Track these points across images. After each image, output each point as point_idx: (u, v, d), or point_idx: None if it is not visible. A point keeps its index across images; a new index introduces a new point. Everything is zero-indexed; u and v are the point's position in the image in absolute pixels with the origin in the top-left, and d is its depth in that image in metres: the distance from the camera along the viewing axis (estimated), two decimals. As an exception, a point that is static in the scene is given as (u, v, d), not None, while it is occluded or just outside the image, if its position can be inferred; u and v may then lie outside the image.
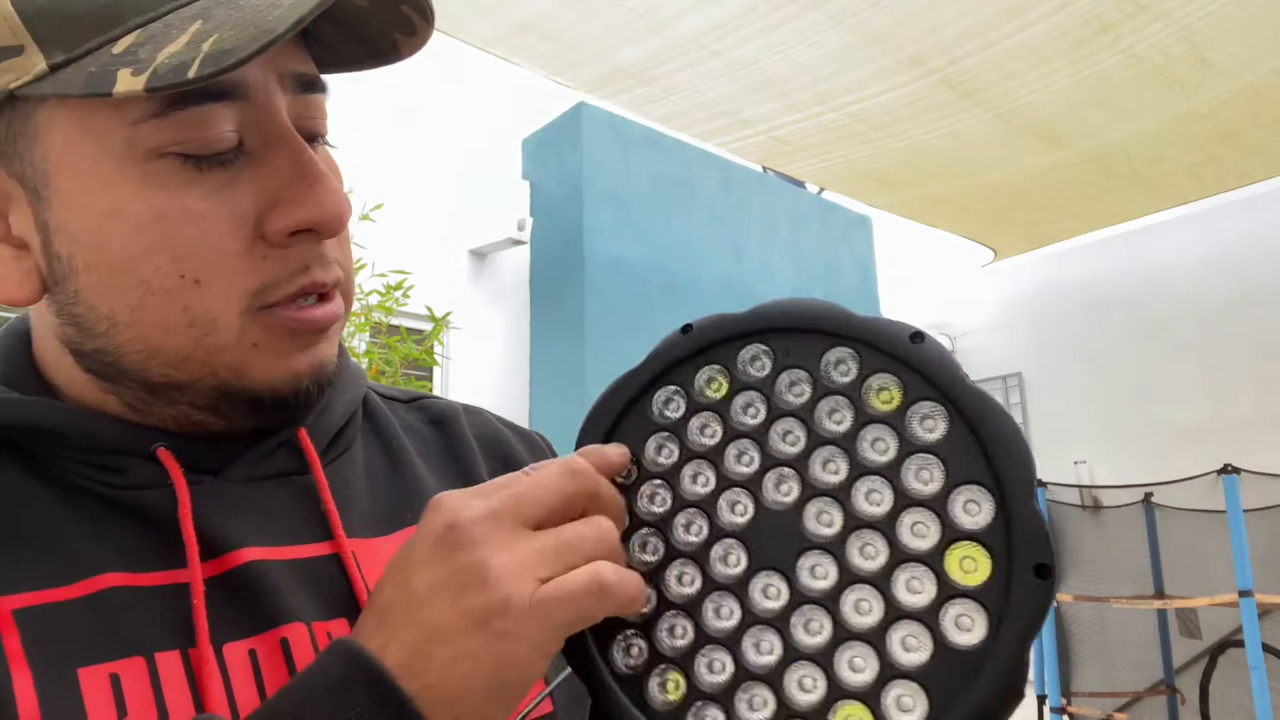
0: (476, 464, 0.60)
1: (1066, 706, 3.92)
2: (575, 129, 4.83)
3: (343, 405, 0.54)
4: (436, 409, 0.63)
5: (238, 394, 0.46)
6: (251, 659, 0.43)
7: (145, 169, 0.42)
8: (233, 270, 0.43)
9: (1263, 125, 3.90)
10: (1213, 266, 5.58)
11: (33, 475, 0.45)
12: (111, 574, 0.42)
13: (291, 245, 0.44)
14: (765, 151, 4.18)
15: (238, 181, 0.43)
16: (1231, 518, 3.48)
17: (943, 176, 4.36)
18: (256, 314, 0.44)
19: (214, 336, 0.44)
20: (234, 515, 0.46)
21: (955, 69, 3.37)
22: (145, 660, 0.41)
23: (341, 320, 0.48)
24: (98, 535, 0.44)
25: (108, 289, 0.43)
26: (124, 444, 0.46)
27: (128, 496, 0.45)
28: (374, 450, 0.56)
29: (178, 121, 0.41)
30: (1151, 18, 3.08)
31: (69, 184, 0.43)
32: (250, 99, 0.43)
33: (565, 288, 4.76)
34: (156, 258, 0.42)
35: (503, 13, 3.02)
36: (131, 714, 0.39)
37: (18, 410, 0.45)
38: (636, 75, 3.45)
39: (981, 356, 6.66)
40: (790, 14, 3.05)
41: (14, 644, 0.39)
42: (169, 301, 0.43)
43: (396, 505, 0.54)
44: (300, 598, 0.46)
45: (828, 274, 5.83)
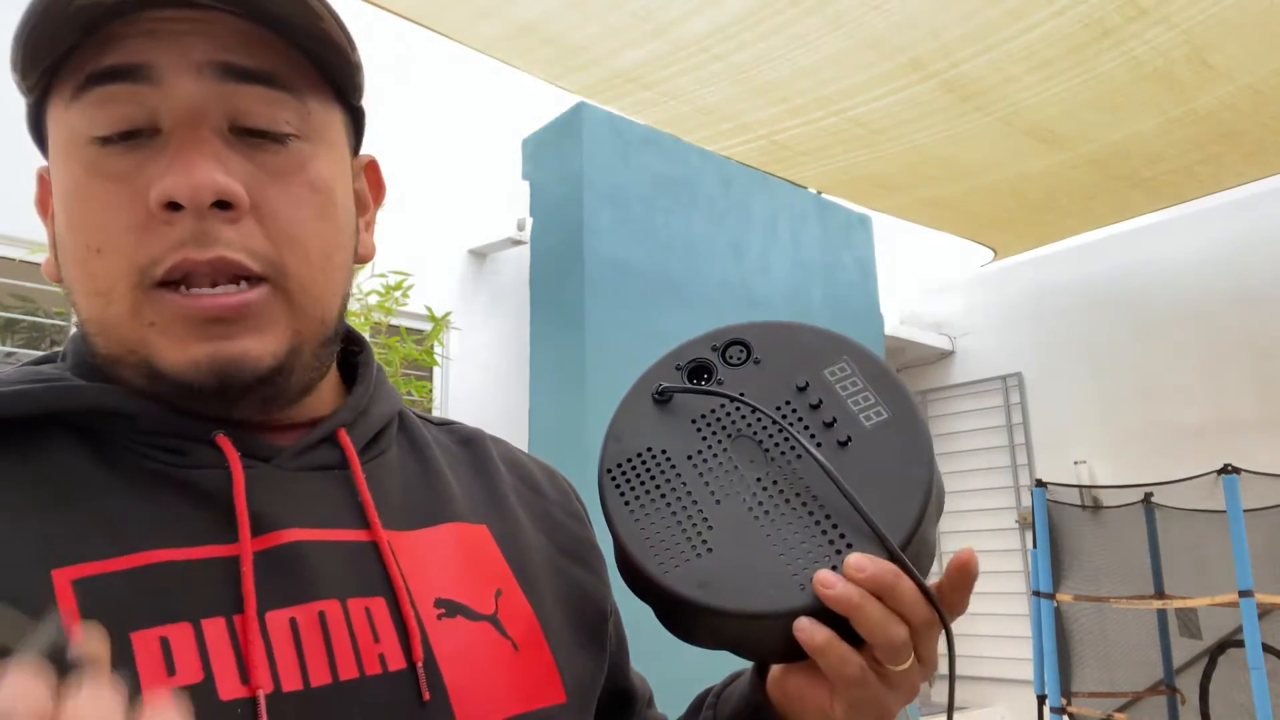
0: (501, 478, 0.65)
1: (1066, 706, 3.93)
2: (575, 129, 4.82)
3: (379, 414, 0.59)
4: (465, 431, 0.69)
5: (159, 372, 0.48)
6: (292, 626, 0.47)
7: (76, 153, 0.48)
8: (124, 243, 0.47)
9: (1263, 125, 3.90)
10: (1212, 266, 5.58)
11: (96, 456, 0.49)
12: (163, 549, 0.46)
13: (172, 222, 0.46)
14: (765, 155, 4.18)
15: (144, 163, 0.47)
16: (1231, 518, 3.48)
17: (943, 179, 4.36)
18: (149, 291, 0.47)
19: (114, 307, 0.48)
20: (281, 499, 0.50)
21: (956, 73, 3.37)
22: (192, 625, 0.44)
23: (275, 315, 0.49)
24: (153, 511, 0.47)
25: (63, 260, 0.50)
26: (186, 429, 0.50)
27: (186, 475, 0.49)
28: (408, 458, 0.61)
29: (87, 102, 0.47)
30: (1153, 21, 3.08)
31: (53, 170, 0.50)
32: (155, 82, 0.46)
33: (565, 288, 4.76)
34: (75, 229, 0.48)
35: (503, 16, 3.02)
36: (179, 674, 0.43)
37: (94, 395, 0.49)
38: (637, 79, 3.44)
39: (981, 356, 6.66)
40: (791, 18, 3.05)
41: (71, 610, 0.42)
42: (83, 270, 0.48)
43: (427, 505, 0.58)
44: (337, 576, 0.50)
45: (828, 274, 5.83)
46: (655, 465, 0.57)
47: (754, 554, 0.52)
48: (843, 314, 5.83)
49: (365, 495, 0.53)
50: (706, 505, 0.54)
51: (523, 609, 0.57)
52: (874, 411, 0.55)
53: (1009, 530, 6.29)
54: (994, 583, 6.22)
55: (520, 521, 0.63)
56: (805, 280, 5.68)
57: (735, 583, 0.51)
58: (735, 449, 0.56)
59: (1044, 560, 4.01)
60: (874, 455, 0.54)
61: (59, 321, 3.82)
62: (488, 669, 0.52)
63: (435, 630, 0.52)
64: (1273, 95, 3.63)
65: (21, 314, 3.78)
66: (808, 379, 0.57)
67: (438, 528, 0.57)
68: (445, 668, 0.51)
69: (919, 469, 0.53)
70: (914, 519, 0.51)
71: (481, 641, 0.53)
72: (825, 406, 0.56)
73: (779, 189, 5.72)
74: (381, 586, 0.51)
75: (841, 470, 0.53)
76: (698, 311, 5.05)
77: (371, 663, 0.48)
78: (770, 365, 0.59)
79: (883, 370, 0.57)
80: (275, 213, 0.49)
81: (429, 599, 0.52)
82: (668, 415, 0.58)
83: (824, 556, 0.51)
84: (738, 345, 0.60)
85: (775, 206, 5.66)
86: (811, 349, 0.59)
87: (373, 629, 0.49)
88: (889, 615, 0.49)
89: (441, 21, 3.04)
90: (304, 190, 0.51)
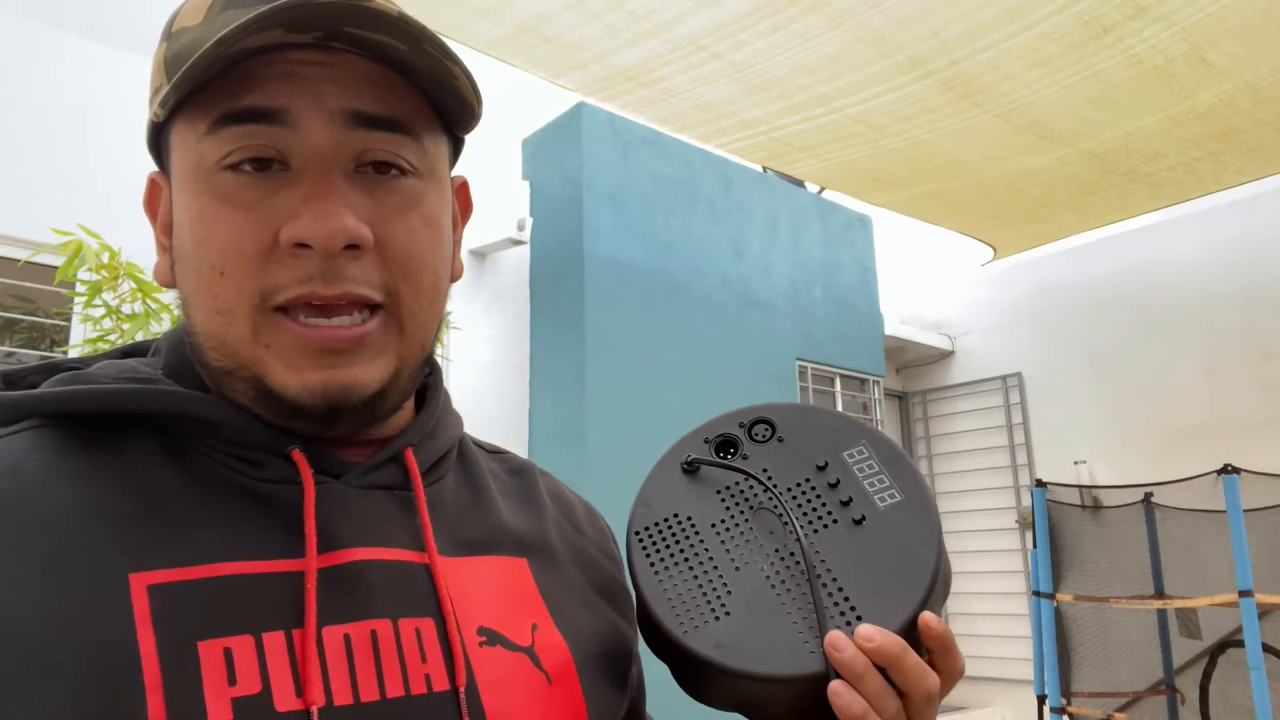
0: (545, 510, 0.68)
1: (1066, 706, 3.92)
2: (575, 129, 4.82)
3: (444, 439, 0.63)
4: (515, 462, 0.72)
5: (267, 391, 0.51)
6: (346, 643, 0.49)
7: (206, 178, 0.50)
8: (248, 268, 0.50)
9: (1262, 123, 3.90)
10: (1213, 266, 5.58)
11: (178, 461, 0.52)
12: (233, 561, 0.48)
13: (300, 256, 0.50)
14: (765, 152, 4.18)
15: (272, 194, 0.50)
16: (1231, 518, 3.48)
17: (943, 175, 4.36)
18: (268, 315, 0.50)
19: (234, 326, 0.50)
20: (347, 517, 0.53)
21: (955, 70, 3.37)
22: (254, 638, 0.47)
23: (387, 342, 0.53)
24: (227, 522, 0.50)
25: (183, 274, 0.53)
26: (265, 442, 0.53)
27: (261, 488, 0.52)
28: (463, 485, 0.64)
29: (223, 138, 0.49)
30: (1152, 19, 3.08)
31: (177, 189, 0.53)
32: (291, 126, 0.50)
33: (565, 288, 4.76)
34: (201, 249, 0.51)
35: (502, 15, 3.02)
36: (239, 684, 0.45)
37: (182, 401, 0.52)
38: (637, 78, 3.45)
39: (981, 356, 6.66)
40: (790, 16, 3.05)
41: (144, 614, 0.45)
42: (206, 288, 0.51)
43: (476, 534, 0.61)
44: (392, 596, 0.52)
45: (828, 274, 5.83)
46: (680, 530, 0.61)
47: (768, 620, 0.55)
48: (843, 314, 5.83)
49: (425, 520, 0.56)
50: (726, 571, 0.58)
51: (557, 644, 0.59)
52: (889, 493, 0.59)
53: (1009, 530, 6.29)
54: (994, 583, 6.22)
55: (559, 558, 0.66)
56: (805, 280, 5.67)
57: (749, 646, 0.55)
58: (756, 520, 0.60)
59: (1044, 560, 4.01)
60: (886, 534, 0.57)
61: (59, 322, 3.82)
62: (523, 698, 0.55)
63: (477, 656, 0.54)
64: (1272, 93, 3.63)
65: (21, 314, 3.78)
66: (827, 459, 0.61)
67: (484, 559, 0.60)
68: (485, 694, 0.53)
69: (927, 550, 0.56)
70: (920, 597, 0.54)
71: (518, 671, 0.56)
72: (842, 486, 0.60)
73: (779, 189, 5.72)
74: (431, 609, 0.53)
75: (857, 548, 0.57)
76: (698, 311, 5.05)
77: (418, 682, 0.51)
78: (793, 444, 0.63)
79: (897, 455, 0.61)
80: (394, 247, 0.52)
81: (473, 626, 0.55)
82: (695, 485, 0.63)
83: (835, 627, 0.54)
84: (763, 424, 0.65)
85: (775, 206, 5.66)
86: (832, 431, 0.63)
87: (421, 650, 0.52)
88: (886, 687, 0.51)
89: (439, 21, 3.04)
90: (419, 224, 0.54)
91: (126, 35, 4.43)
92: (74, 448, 0.50)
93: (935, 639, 0.53)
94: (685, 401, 4.78)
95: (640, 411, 4.59)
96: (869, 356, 5.91)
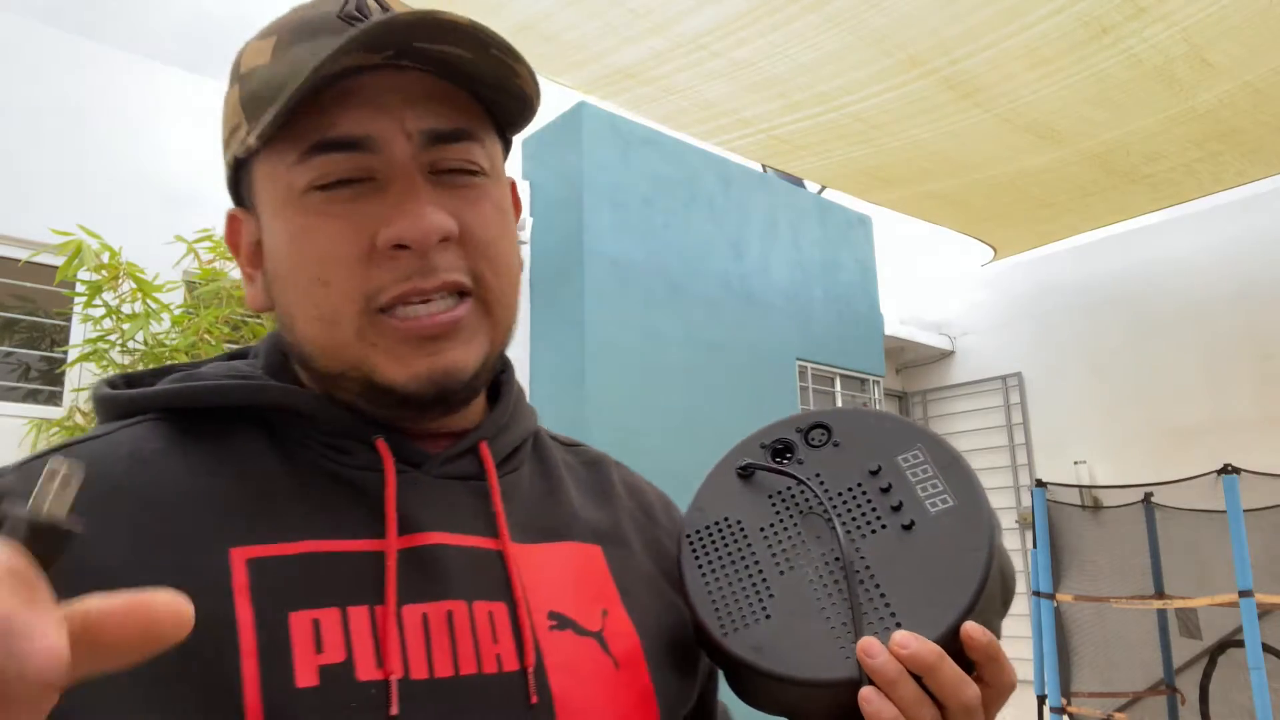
0: (619, 501, 0.71)
1: (1066, 706, 3.92)
2: (575, 129, 4.82)
3: (518, 432, 0.66)
4: (590, 454, 0.76)
5: (376, 387, 0.55)
6: (423, 621, 0.53)
7: (299, 200, 0.54)
8: (351, 274, 0.54)
9: (1262, 124, 3.90)
10: (1212, 266, 5.58)
11: (277, 449, 0.57)
12: (322, 539, 0.53)
13: (397, 257, 0.54)
14: (765, 150, 4.19)
15: (363, 206, 0.54)
16: (1231, 518, 3.48)
17: (942, 174, 4.36)
18: (373, 316, 0.54)
19: (340, 330, 0.55)
20: (426, 504, 0.57)
21: (955, 70, 3.37)
22: (340, 611, 0.50)
23: (478, 325, 0.58)
24: (318, 504, 0.54)
25: (283, 291, 0.57)
26: (353, 431, 0.57)
27: (349, 474, 0.56)
28: (537, 476, 0.67)
29: (313, 165, 0.54)
30: (1152, 19, 3.08)
31: (266, 215, 0.57)
32: (376, 149, 0.54)
33: (565, 288, 4.76)
34: (301, 264, 0.55)
35: (502, 13, 3.02)
36: (325, 653, 0.49)
37: (277, 394, 0.57)
38: (636, 75, 3.45)
39: (981, 356, 6.66)
40: (790, 15, 3.05)
41: (243, 585, 0.49)
42: (309, 299, 0.55)
43: (549, 521, 0.64)
44: (466, 579, 0.55)
45: (828, 274, 5.83)
46: (730, 534, 0.62)
47: (807, 624, 0.56)
48: (843, 314, 5.82)
49: (498, 507, 0.59)
50: (771, 575, 0.59)
51: (626, 630, 0.61)
52: (940, 499, 0.58)
53: (1009, 530, 6.28)
54: (994, 583, 6.21)
55: (632, 545, 0.68)
56: (805, 280, 5.67)
57: (786, 649, 0.55)
58: (805, 525, 0.60)
59: (1044, 560, 4.01)
60: (935, 541, 0.57)
61: (59, 322, 3.82)
62: (590, 682, 0.57)
63: (547, 640, 0.56)
64: (1271, 94, 3.63)
65: (21, 314, 3.78)
66: (880, 464, 0.61)
67: (556, 545, 0.62)
68: (553, 676, 0.55)
69: (976, 557, 0.55)
70: (964, 605, 0.53)
71: (587, 656, 0.58)
72: (894, 491, 0.60)
73: (779, 189, 5.72)
74: (503, 593, 0.56)
75: (904, 553, 0.57)
76: (698, 311, 5.05)
77: (489, 662, 0.54)
78: (848, 448, 0.63)
79: (954, 459, 0.60)
80: (475, 236, 0.57)
81: (543, 610, 0.58)
82: (748, 489, 0.64)
83: (873, 633, 0.54)
84: (820, 428, 0.65)
85: (775, 206, 5.65)
86: (888, 435, 0.63)
87: (493, 631, 0.55)
88: (921, 695, 0.51)
89: (440, 19, 3.04)
90: (492, 214, 0.58)
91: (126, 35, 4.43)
92: (185, 437, 0.56)
93: (978, 650, 0.52)
94: (685, 401, 4.78)
95: (640, 411, 4.59)
96: (869, 356, 5.91)
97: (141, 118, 4.05)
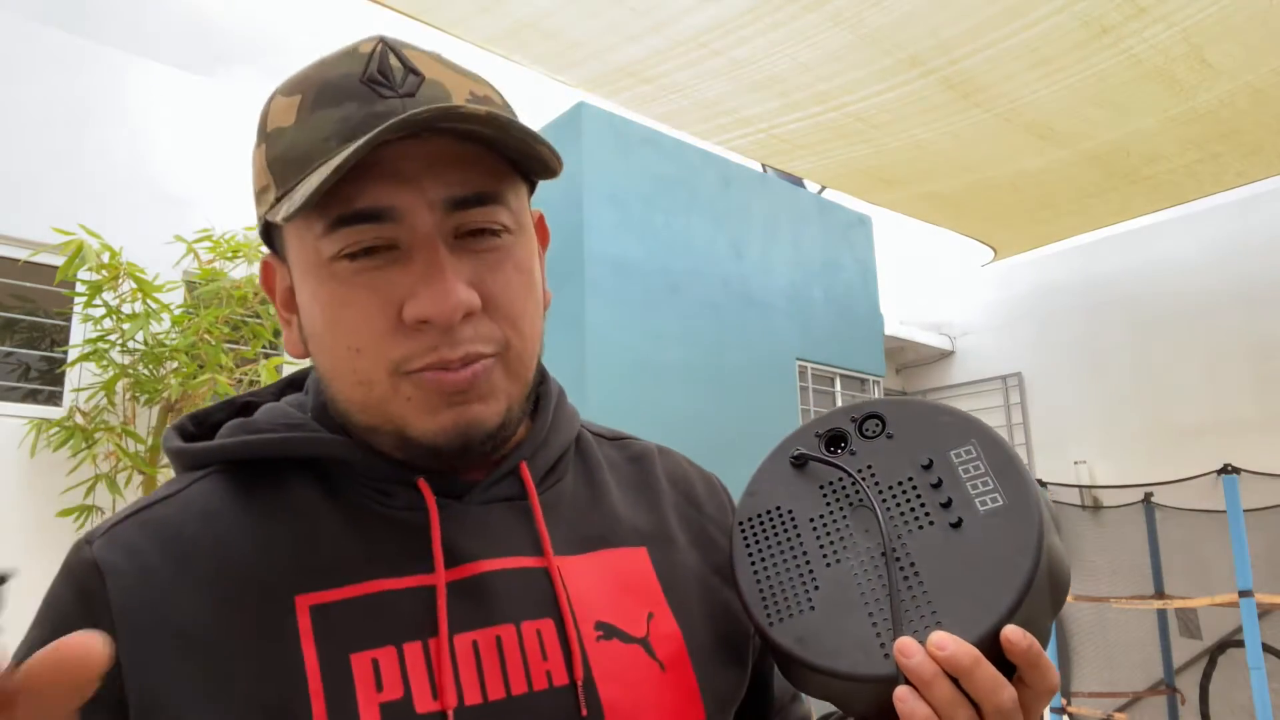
0: (664, 496, 0.73)
1: (1066, 706, 3.92)
2: (575, 129, 4.82)
3: (558, 444, 0.68)
4: (636, 448, 0.77)
5: (409, 439, 0.58)
6: (474, 648, 0.56)
7: (328, 268, 0.57)
8: (380, 344, 0.56)
9: (1262, 124, 3.90)
10: (1213, 266, 5.58)
11: (329, 494, 0.60)
12: (377, 580, 0.56)
13: (423, 330, 0.56)
14: (765, 149, 4.18)
15: (389, 276, 0.56)
16: (1231, 518, 3.48)
17: (943, 174, 4.36)
18: (404, 376, 0.57)
19: (375, 391, 0.57)
20: (471, 534, 0.60)
21: (955, 69, 3.37)
22: (396, 649, 0.54)
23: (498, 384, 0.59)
24: (370, 545, 0.58)
25: (318, 353, 0.60)
26: (394, 475, 0.60)
27: (395, 515, 0.60)
28: (580, 482, 0.69)
29: (339, 237, 0.56)
30: (1152, 19, 3.08)
31: (298, 277, 0.60)
32: (398, 220, 0.56)
33: (565, 288, 4.76)
34: (334, 331, 0.58)
35: (502, 10, 3.02)
36: (385, 690, 0.52)
37: (325, 445, 0.61)
38: (636, 74, 3.45)
39: (981, 356, 6.66)
40: (790, 14, 3.05)
41: (307, 630, 0.53)
42: (344, 364, 0.58)
43: (593, 530, 0.66)
44: (514, 601, 0.58)
45: (828, 274, 5.83)
46: (780, 523, 0.62)
47: (849, 618, 0.56)
48: (843, 314, 5.83)
49: (542, 528, 0.62)
50: (818, 566, 0.59)
51: (671, 632, 0.63)
52: (990, 497, 0.57)
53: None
54: (994, 583, 6.21)
55: (678, 542, 0.70)
56: (805, 280, 5.67)
57: (828, 642, 0.56)
58: (854, 518, 0.60)
59: (1044, 560, 4.00)
60: (983, 540, 0.56)
61: (59, 322, 3.82)
62: (638, 688, 0.59)
63: (594, 651, 0.59)
64: (1272, 94, 3.63)
65: (21, 314, 3.78)
66: (932, 458, 0.60)
67: (601, 553, 0.65)
68: (602, 687, 0.58)
69: (1022, 559, 0.54)
70: (1006, 607, 0.53)
71: (633, 663, 0.60)
72: (945, 487, 0.59)
73: (779, 189, 5.72)
74: (551, 609, 0.59)
75: (949, 551, 0.56)
76: (698, 311, 5.05)
77: (539, 679, 0.56)
78: (901, 441, 0.62)
79: (1009, 457, 0.59)
80: (499, 302, 0.58)
81: (590, 621, 0.60)
82: (801, 478, 0.64)
83: (913, 631, 0.54)
84: (874, 419, 0.64)
85: (775, 206, 5.65)
86: (943, 429, 0.62)
87: (542, 649, 0.58)
88: (958, 697, 0.51)
89: (439, 16, 3.04)
90: (515, 275, 0.60)
91: (126, 35, 4.43)
92: (247, 489, 0.60)
93: (1019, 655, 0.52)
94: (685, 401, 4.78)
95: (640, 411, 4.59)
96: (869, 356, 5.91)
97: (141, 118, 4.05)
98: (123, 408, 3.61)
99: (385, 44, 0.59)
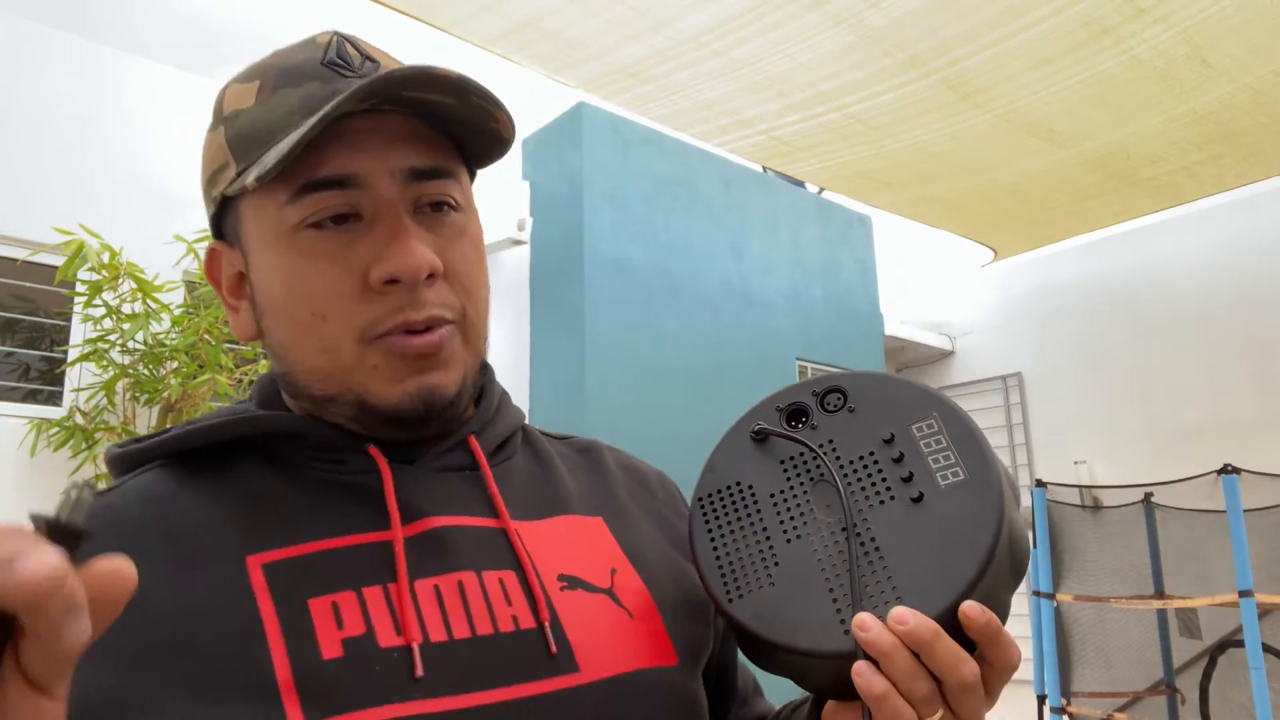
0: (615, 480, 0.74)
1: (1066, 706, 3.92)
2: (575, 129, 4.82)
3: (504, 425, 0.70)
4: (581, 442, 0.79)
5: (370, 408, 0.59)
6: (436, 591, 0.56)
7: (290, 237, 0.58)
8: (346, 309, 0.58)
9: (1262, 125, 3.90)
10: (1213, 266, 5.58)
11: (278, 470, 0.61)
12: (329, 539, 0.56)
13: (389, 292, 0.58)
14: (765, 151, 4.18)
15: (353, 244, 0.58)
16: (1231, 518, 3.48)
17: (943, 176, 4.36)
18: (370, 343, 0.58)
19: (340, 359, 0.59)
20: (425, 494, 0.61)
21: (955, 70, 3.37)
22: (355, 593, 0.54)
23: (457, 352, 0.61)
24: (323, 510, 0.58)
25: (276, 324, 0.61)
26: (344, 443, 0.61)
27: (346, 479, 0.60)
28: (531, 463, 0.71)
29: (304, 204, 0.57)
30: (1152, 20, 3.08)
31: (255, 252, 0.61)
32: (363, 186, 0.58)
33: (565, 288, 4.76)
34: (298, 299, 0.59)
35: (503, 10, 3.02)
36: (346, 628, 0.53)
37: (266, 421, 0.61)
38: (636, 74, 3.45)
39: (981, 356, 6.66)
40: (790, 14, 3.05)
41: (262, 585, 0.53)
42: (308, 332, 0.59)
43: (547, 499, 0.67)
44: (474, 553, 0.59)
45: (828, 274, 5.83)
46: (740, 499, 0.61)
47: (809, 594, 0.56)
48: (843, 314, 5.82)
49: (494, 489, 0.63)
50: (778, 542, 0.58)
51: (636, 585, 0.64)
52: (951, 471, 0.57)
53: (1009, 531, 6.29)
54: (994, 583, 6.21)
55: (634, 515, 0.71)
56: (805, 280, 5.67)
57: (787, 618, 0.55)
58: (815, 493, 0.59)
59: (1044, 560, 4.01)
60: (943, 515, 0.55)
61: (59, 322, 3.82)
62: (606, 632, 0.60)
63: (559, 599, 0.60)
64: (1272, 95, 3.63)
65: (21, 314, 3.78)
66: (894, 432, 0.60)
67: (557, 519, 0.66)
68: (569, 629, 0.58)
69: (983, 534, 0.54)
70: (966, 582, 0.52)
71: (600, 610, 0.61)
72: (906, 461, 0.58)
73: (779, 189, 5.72)
74: (511, 562, 0.60)
75: (911, 526, 0.56)
76: (698, 311, 5.05)
77: (505, 622, 0.57)
78: (863, 415, 0.62)
79: (969, 431, 0.58)
80: (457, 271, 0.61)
81: (552, 574, 0.61)
82: (761, 454, 0.63)
83: (874, 606, 0.53)
84: (836, 393, 0.64)
85: (775, 206, 5.66)
86: (904, 403, 0.61)
87: (505, 595, 0.58)
88: (917, 669, 0.51)
89: (439, 16, 3.04)
90: (469, 248, 0.62)
91: (126, 35, 4.43)
92: (191, 475, 0.60)
93: (977, 630, 0.52)
94: (685, 401, 4.78)
95: (640, 411, 4.59)
96: (869, 356, 5.91)
97: (141, 118, 4.05)
98: (123, 408, 3.61)
99: (340, 35, 0.62)
